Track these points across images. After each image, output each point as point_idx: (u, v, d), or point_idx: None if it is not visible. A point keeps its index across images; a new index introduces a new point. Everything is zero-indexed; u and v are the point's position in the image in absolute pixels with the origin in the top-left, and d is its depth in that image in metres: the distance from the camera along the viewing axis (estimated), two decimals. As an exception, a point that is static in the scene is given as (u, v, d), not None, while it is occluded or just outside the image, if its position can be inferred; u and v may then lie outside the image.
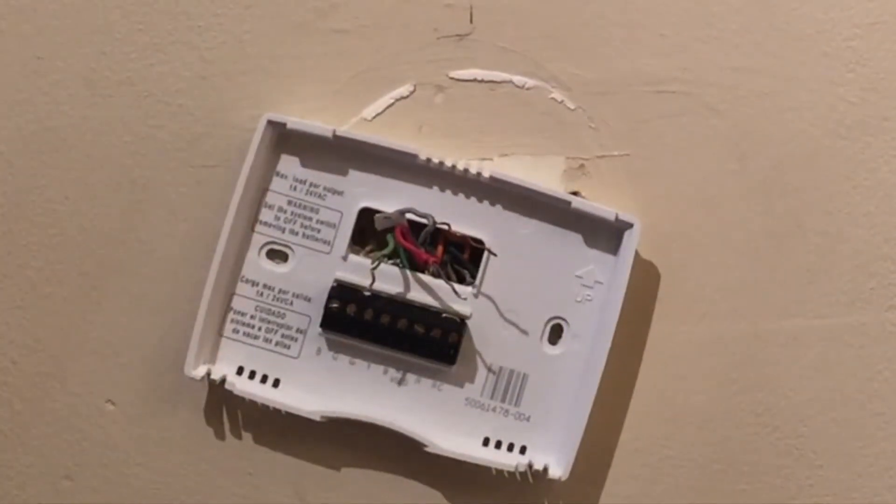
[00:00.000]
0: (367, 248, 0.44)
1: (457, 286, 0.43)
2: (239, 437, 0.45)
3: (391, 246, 0.43)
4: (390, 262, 0.44)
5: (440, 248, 0.43)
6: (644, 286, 0.45)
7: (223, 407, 0.45)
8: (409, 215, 0.43)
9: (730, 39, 0.45)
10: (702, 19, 0.45)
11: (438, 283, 0.44)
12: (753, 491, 0.45)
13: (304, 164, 0.44)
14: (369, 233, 0.44)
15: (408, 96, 0.45)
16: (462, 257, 0.44)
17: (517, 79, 0.45)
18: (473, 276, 0.44)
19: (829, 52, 0.45)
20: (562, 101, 0.45)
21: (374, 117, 0.45)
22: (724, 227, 0.45)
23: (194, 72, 0.45)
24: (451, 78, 0.45)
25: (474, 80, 0.45)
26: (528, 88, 0.45)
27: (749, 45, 0.45)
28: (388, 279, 0.44)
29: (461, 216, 0.44)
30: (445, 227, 0.43)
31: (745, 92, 0.45)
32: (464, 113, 0.45)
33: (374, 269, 0.43)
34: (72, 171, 0.45)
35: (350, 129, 0.45)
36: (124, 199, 0.45)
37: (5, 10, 0.45)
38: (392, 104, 0.45)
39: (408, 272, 0.44)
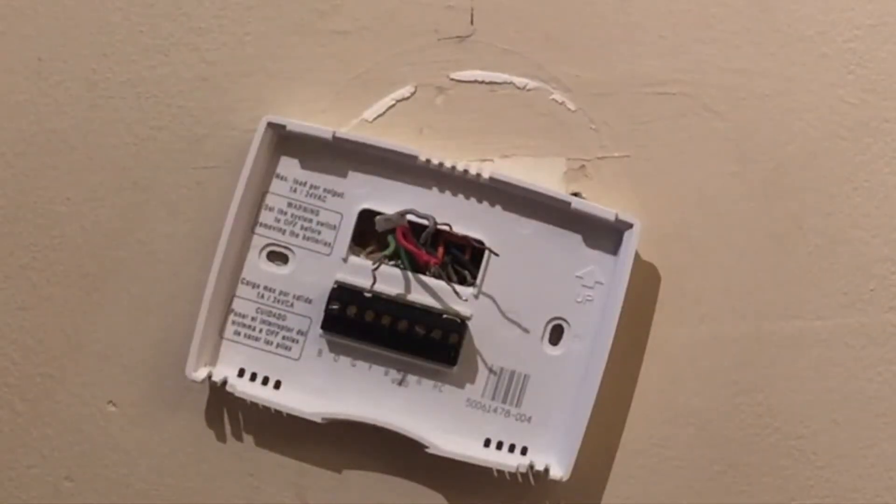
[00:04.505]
0: (369, 250, 0.44)
1: (457, 287, 0.43)
2: (240, 438, 0.45)
3: (392, 247, 0.43)
4: (391, 263, 0.44)
5: (441, 249, 0.43)
6: (644, 287, 0.45)
7: (224, 409, 0.45)
8: (409, 216, 0.43)
9: (730, 41, 0.45)
10: (702, 21, 0.45)
11: (439, 284, 0.44)
12: (754, 492, 0.45)
13: (303, 166, 0.44)
14: (370, 234, 0.44)
15: (409, 98, 0.45)
16: (463, 258, 0.44)
17: (518, 80, 0.45)
18: (474, 277, 0.44)
19: (829, 53, 0.45)
20: (562, 103, 0.45)
21: (374, 119, 0.45)
22: (724, 228, 0.45)
23: (195, 73, 0.45)
24: (452, 79, 0.45)
25: (475, 82, 0.45)
26: (528, 90, 0.45)
27: (749, 46, 0.45)
28: (389, 280, 0.44)
29: (461, 217, 0.44)
30: (446, 227, 0.43)
31: (746, 93, 0.45)
32: (465, 114, 0.45)
33: (376, 269, 0.43)
34: (73, 172, 0.45)
35: (351, 130, 0.45)
36: (125, 201, 0.45)
37: (6, 12, 0.45)
38: (393, 105, 0.45)
39: (409, 273, 0.44)
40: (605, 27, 0.45)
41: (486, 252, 0.44)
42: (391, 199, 0.44)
